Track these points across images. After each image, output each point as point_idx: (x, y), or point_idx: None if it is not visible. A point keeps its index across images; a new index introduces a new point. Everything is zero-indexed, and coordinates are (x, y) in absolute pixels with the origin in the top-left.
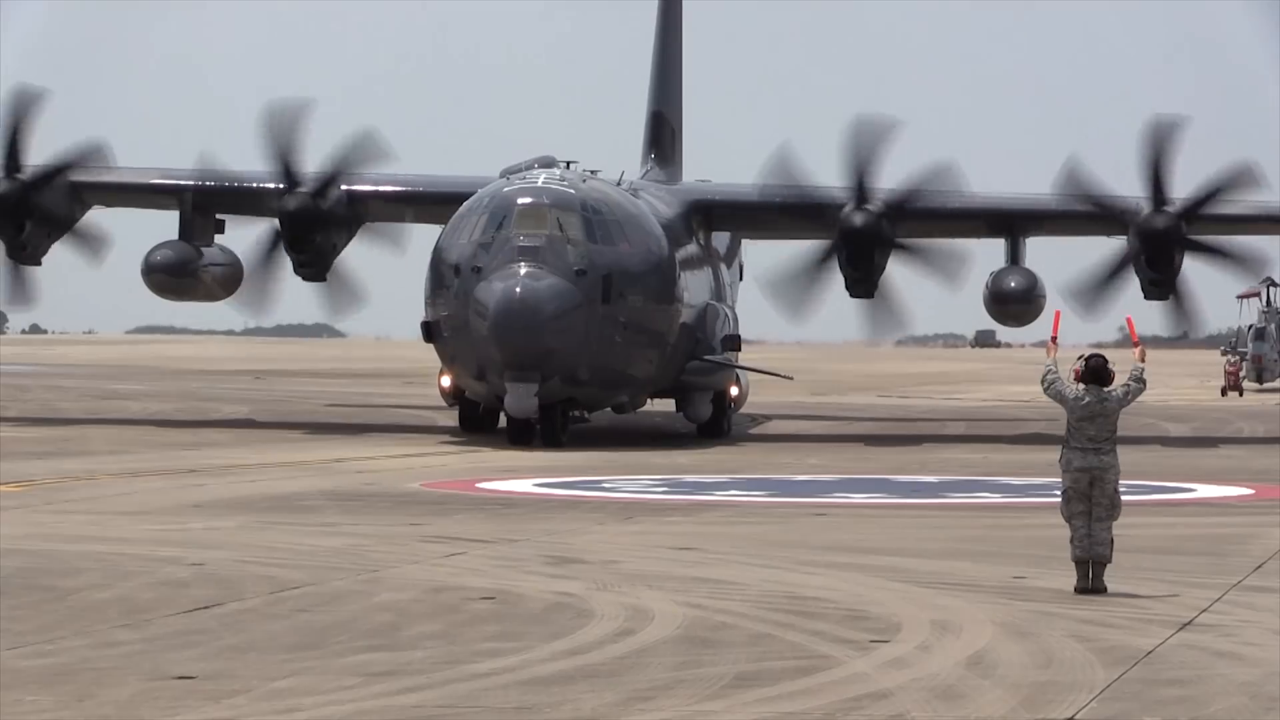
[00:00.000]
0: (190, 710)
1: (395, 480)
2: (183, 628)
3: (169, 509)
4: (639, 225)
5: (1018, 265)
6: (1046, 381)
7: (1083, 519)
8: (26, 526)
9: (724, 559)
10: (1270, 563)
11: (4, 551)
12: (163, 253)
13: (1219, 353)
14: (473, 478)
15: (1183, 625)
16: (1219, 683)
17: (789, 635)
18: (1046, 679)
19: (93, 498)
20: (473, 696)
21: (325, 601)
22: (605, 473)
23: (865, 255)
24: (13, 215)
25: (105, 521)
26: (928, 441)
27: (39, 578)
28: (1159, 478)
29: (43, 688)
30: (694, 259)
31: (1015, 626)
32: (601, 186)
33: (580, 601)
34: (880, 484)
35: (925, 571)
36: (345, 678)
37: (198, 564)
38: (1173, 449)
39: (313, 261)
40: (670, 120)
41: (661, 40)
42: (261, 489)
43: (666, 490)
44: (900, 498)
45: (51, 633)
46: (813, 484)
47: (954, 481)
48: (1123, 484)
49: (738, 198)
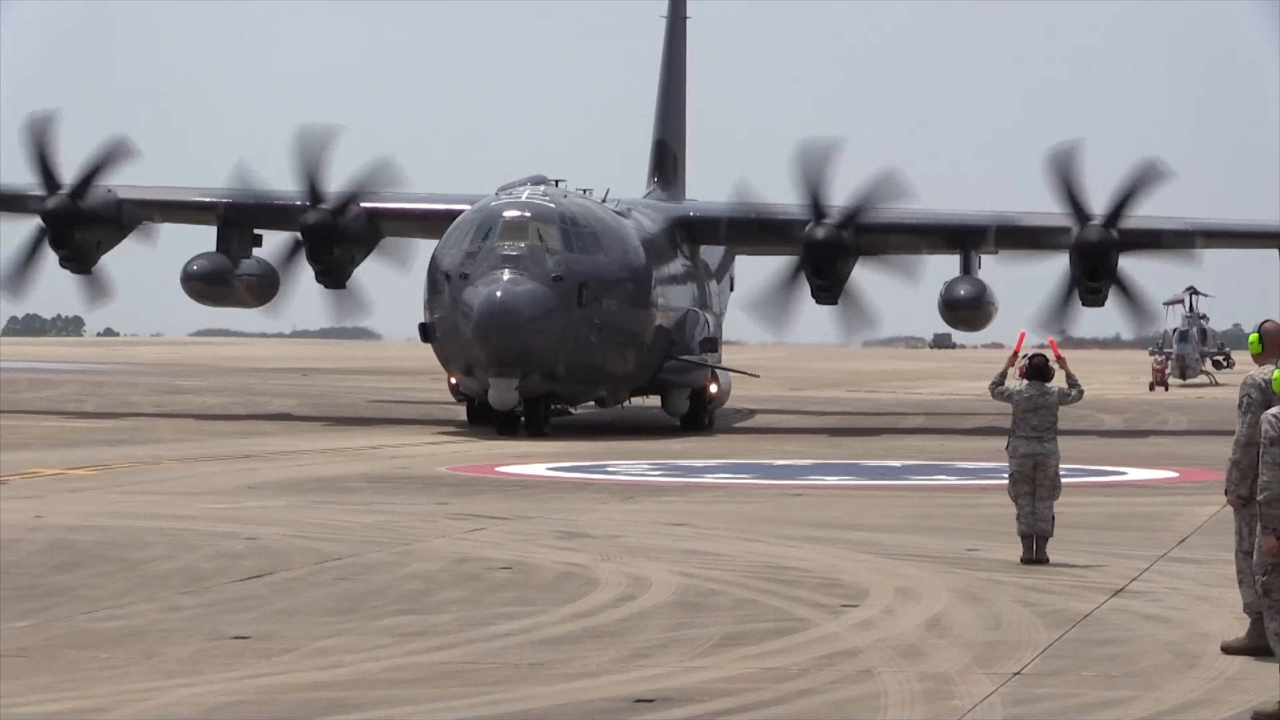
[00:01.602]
0: (245, 667)
1: (424, 465)
2: (238, 594)
3: (226, 490)
4: (616, 237)
5: (969, 275)
6: (994, 390)
7: (1027, 499)
8: (101, 505)
9: (713, 533)
10: (1193, 537)
11: (81, 528)
12: (199, 263)
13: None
14: (492, 462)
15: (1116, 592)
16: (1148, 642)
17: (770, 600)
18: (996, 639)
19: (159, 480)
20: (492, 654)
21: (363, 571)
22: (609, 458)
23: (828, 266)
24: (65, 227)
25: (170, 501)
26: (892, 431)
27: (112, 550)
28: (1095, 462)
29: (116, 646)
30: (675, 269)
31: (968, 593)
32: (582, 202)
33: (587, 571)
34: (850, 468)
35: (889, 544)
36: (381, 638)
37: (251, 538)
38: (1107, 438)
39: (331, 271)
40: (672, 148)
41: (666, 76)
42: (307, 472)
43: (662, 473)
44: (868, 480)
45: (123, 599)
46: (791, 468)
47: (915, 466)
48: (1062, 468)
49: (713, 215)
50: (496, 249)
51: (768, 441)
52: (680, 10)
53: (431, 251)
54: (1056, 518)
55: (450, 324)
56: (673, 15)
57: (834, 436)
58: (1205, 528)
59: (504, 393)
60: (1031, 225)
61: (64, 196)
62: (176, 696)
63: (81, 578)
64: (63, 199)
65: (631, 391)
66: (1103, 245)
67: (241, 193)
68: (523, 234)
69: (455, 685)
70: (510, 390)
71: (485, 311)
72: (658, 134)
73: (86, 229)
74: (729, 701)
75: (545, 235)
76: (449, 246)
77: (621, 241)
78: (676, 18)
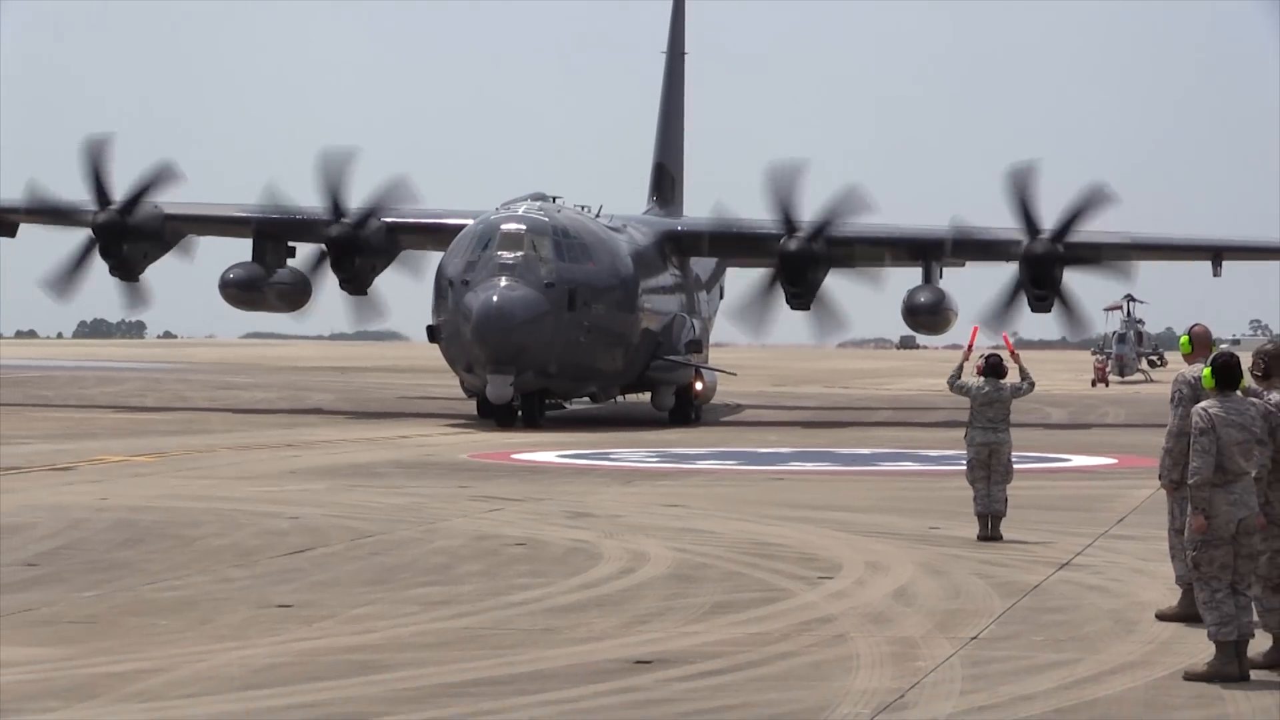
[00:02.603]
0: (288, 632)
1: (447, 452)
2: (282, 568)
3: (271, 474)
4: (606, 248)
5: (929, 285)
6: (952, 384)
7: (983, 482)
8: (160, 489)
9: (704, 514)
10: (1130, 516)
11: (143, 508)
12: (235, 271)
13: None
14: (508, 450)
15: (1061, 565)
16: (1090, 610)
17: (755, 573)
18: (956, 607)
19: (212, 466)
20: (508, 621)
21: (393, 547)
22: (611, 447)
23: (800, 275)
24: (114, 239)
25: (221, 485)
26: (862, 424)
27: (169, 529)
28: (1043, 450)
29: (173, 614)
30: (663, 277)
31: (931, 566)
32: (575, 216)
33: (592, 547)
34: (825, 455)
35: (860, 523)
36: (408, 606)
37: (294, 517)
38: (1053, 429)
39: (353, 279)
40: (670, 170)
41: (665, 105)
42: (344, 459)
43: (659, 460)
44: (841, 466)
45: (179, 571)
46: (773, 455)
47: (883, 454)
48: (1014, 455)
49: (697, 229)
50: (495, 258)
51: (752, 432)
52: (679, 47)
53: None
54: (1009, 499)
55: (453, 326)
56: (672, 51)
57: (811, 428)
58: (1141, 508)
59: (500, 388)
60: (985, 238)
61: (114, 212)
62: (226, 659)
63: (142, 553)
64: (112, 214)
65: (622, 388)
66: (1048, 258)
67: (272, 208)
68: (518, 245)
69: (475, 648)
70: (506, 386)
71: (483, 315)
72: (657, 157)
73: (134, 242)
74: (718, 663)
75: (539, 246)
76: (453, 256)
77: (611, 252)
78: (675, 53)
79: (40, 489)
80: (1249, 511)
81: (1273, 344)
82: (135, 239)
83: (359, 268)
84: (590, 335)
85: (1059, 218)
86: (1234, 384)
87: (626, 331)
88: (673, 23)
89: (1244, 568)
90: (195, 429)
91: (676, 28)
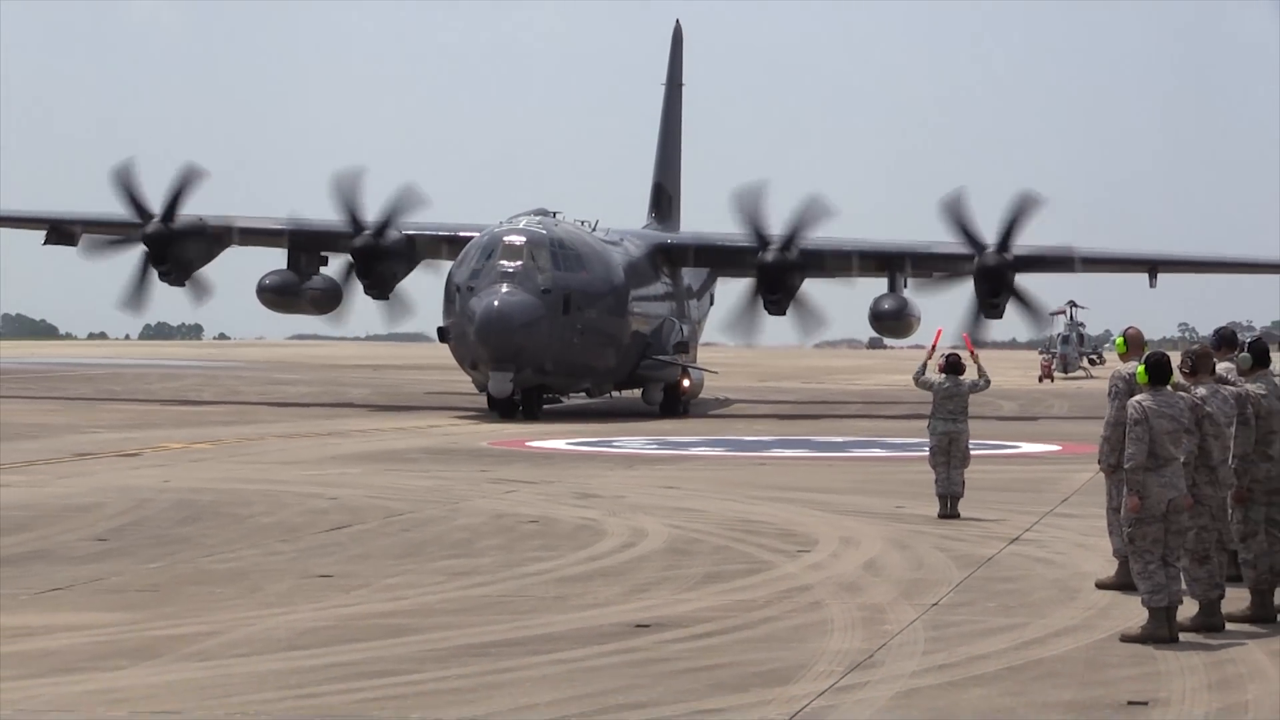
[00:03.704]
0: (328, 599)
1: (469, 440)
2: (323, 542)
3: (314, 460)
4: (599, 258)
5: (893, 293)
6: (916, 379)
7: (943, 467)
8: (215, 472)
9: (696, 494)
10: (1073, 497)
11: (200, 490)
12: (271, 278)
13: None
14: (523, 438)
15: (1012, 540)
16: (1037, 580)
17: (741, 547)
18: (919, 577)
19: (261, 452)
20: (523, 589)
21: (421, 524)
22: (615, 435)
23: (776, 284)
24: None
25: (270, 469)
26: (836, 416)
27: (224, 507)
28: (996, 438)
29: (227, 583)
30: (654, 285)
31: (897, 541)
32: (572, 230)
33: (597, 524)
34: (804, 443)
35: (835, 503)
36: (435, 576)
37: (333, 498)
38: (1006, 420)
39: (376, 285)
40: (668, 189)
41: (664, 131)
42: (378, 446)
43: (656, 447)
44: (818, 452)
45: (232, 546)
46: (757, 443)
47: (855, 441)
48: (971, 443)
49: (684, 243)
50: (497, 267)
51: (740, 423)
52: (676, 79)
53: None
54: (966, 482)
55: (460, 328)
56: (670, 83)
57: (791, 419)
58: (1082, 490)
59: (501, 384)
60: (941, 253)
61: (158, 222)
62: (274, 623)
63: (200, 529)
64: (158, 225)
65: (615, 385)
66: (999, 268)
67: (303, 221)
68: (518, 255)
69: (494, 614)
70: (506, 382)
71: (485, 318)
72: (656, 177)
73: (181, 249)
74: (709, 626)
75: (537, 256)
76: (461, 265)
77: (604, 262)
78: (673, 85)
79: (110, 472)
80: (1178, 493)
81: (1200, 345)
82: (182, 246)
83: (381, 274)
84: (583, 336)
85: (998, 228)
86: (1165, 380)
87: (617, 333)
88: (671, 58)
89: (1173, 542)
90: (246, 419)
91: (675, 62)
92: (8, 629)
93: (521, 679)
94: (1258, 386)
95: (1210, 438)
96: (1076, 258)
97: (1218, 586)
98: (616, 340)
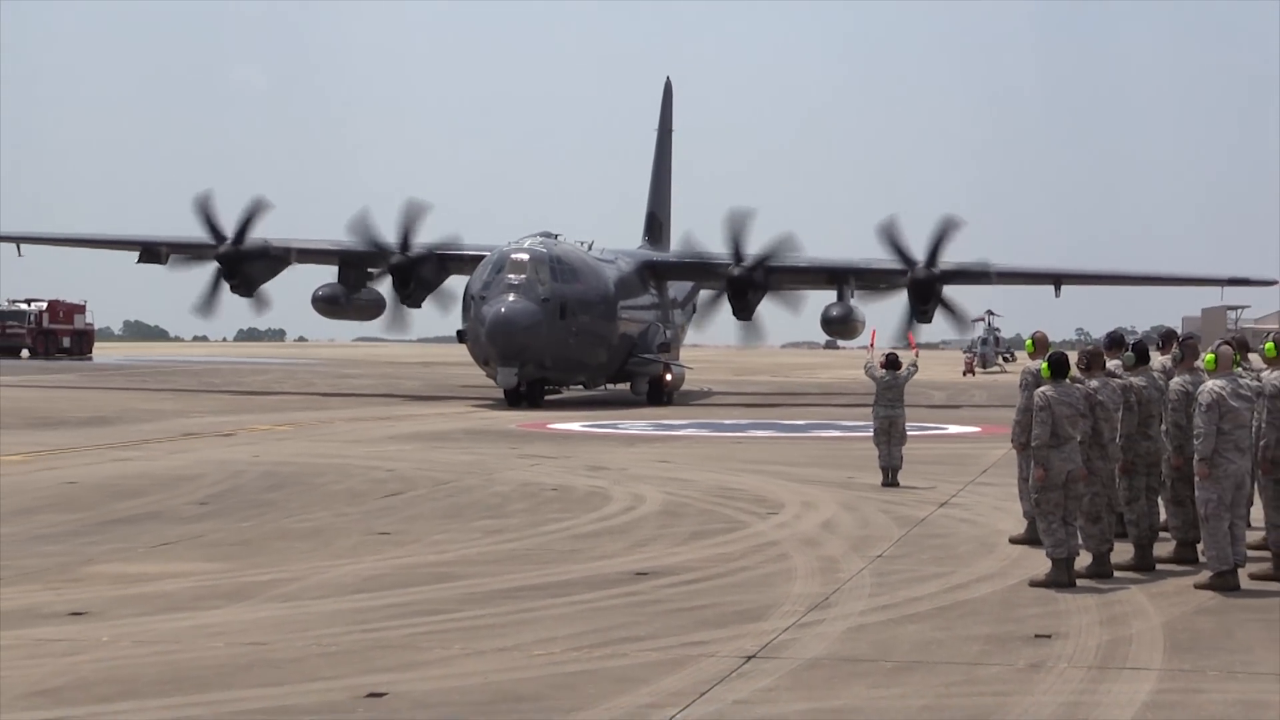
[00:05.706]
0: (387, 552)
1: (501, 423)
2: (382, 505)
3: (375, 439)
4: (593, 272)
5: (841, 301)
6: (866, 371)
7: (885, 445)
8: (295, 448)
9: (685, 466)
10: (991, 469)
11: (283, 463)
12: (323, 290)
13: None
14: (545, 421)
15: (941, 504)
16: (962, 536)
17: (722, 510)
18: (866, 534)
19: (331, 433)
20: (545, 545)
21: (462, 491)
22: (620, 419)
23: (742, 295)
24: (232, 266)
25: (339, 446)
26: (798, 404)
27: (301, 477)
28: (928, 421)
29: (305, 539)
30: (642, 296)
31: (848, 505)
32: (569, 248)
33: (605, 491)
34: (772, 425)
35: (798, 474)
36: (472, 533)
37: (391, 470)
38: (935, 407)
39: (409, 296)
40: (660, 217)
41: (657, 166)
42: (427, 428)
43: (653, 429)
44: (783, 433)
45: (309, 509)
46: (735, 425)
47: (814, 423)
48: (907, 425)
49: (667, 260)
50: (504, 279)
51: (720, 410)
52: (667, 124)
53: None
54: (904, 457)
55: (474, 332)
56: (662, 128)
57: (761, 406)
58: (998, 463)
59: (507, 378)
60: (880, 268)
61: (230, 245)
62: (344, 571)
63: (283, 495)
64: (229, 247)
65: (607, 379)
66: (928, 281)
67: (351, 242)
68: (522, 269)
69: (520, 564)
70: (511, 376)
71: (493, 322)
72: (649, 206)
73: (249, 266)
74: (696, 574)
75: (539, 270)
76: (475, 278)
77: (596, 275)
78: (665, 129)
79: (209, 449)
80: (1075, 465)
81: (1093, 345)
82: (250, 263)
83: (413, 287)
84: (577, 337)
85: (926, 246)
86: (1064, 374)
87: (607, 335)
88: (662, 108)
89: (1071, 506)
90: (319, 406)
91: (665, 111)
92: (128, 576)
93: (543, 617)
94: (1140, 379)
95: (1101, 421)
96: (993, 272)
97: (1107, 541)
98: (607, 341)
